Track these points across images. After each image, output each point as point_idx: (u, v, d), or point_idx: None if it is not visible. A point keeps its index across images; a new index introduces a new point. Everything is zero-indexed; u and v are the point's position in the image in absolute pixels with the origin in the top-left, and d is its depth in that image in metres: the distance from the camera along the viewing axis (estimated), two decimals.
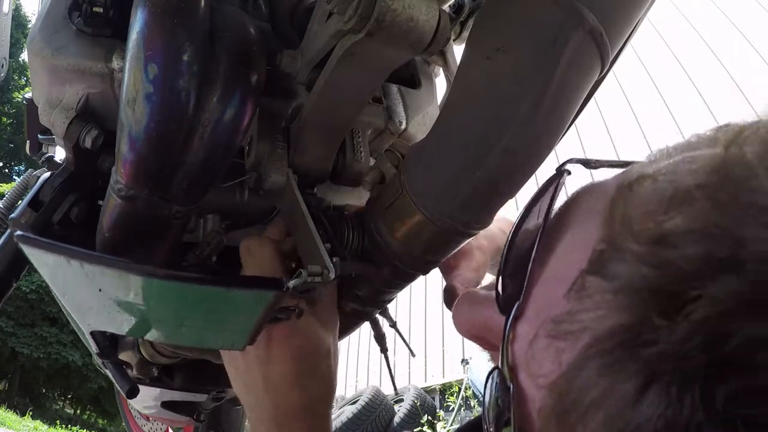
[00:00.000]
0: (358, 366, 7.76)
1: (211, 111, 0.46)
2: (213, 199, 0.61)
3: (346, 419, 5.37)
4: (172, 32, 0.44)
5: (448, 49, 0.69)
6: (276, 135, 0.57)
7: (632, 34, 0.47)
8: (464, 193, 0.46)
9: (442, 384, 6.31)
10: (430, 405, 5.71)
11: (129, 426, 1.57)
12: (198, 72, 0.45)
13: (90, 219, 0.57)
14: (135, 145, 0.47)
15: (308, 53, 0.53)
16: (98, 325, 0.52)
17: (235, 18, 0.49)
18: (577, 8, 0.39)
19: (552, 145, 0.46)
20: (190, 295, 0.47)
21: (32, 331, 15.57)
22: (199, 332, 0.51)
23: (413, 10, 0.42)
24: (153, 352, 0.78)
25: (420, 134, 0.66)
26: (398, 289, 0.60)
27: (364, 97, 0.55)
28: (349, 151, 0.61)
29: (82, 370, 16.33)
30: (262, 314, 0.48)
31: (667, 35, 6.18)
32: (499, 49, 0.42)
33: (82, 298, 0.50)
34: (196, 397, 0.97)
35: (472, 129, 0.45)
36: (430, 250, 0.52)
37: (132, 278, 0.46)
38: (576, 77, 0.42)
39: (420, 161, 0.49)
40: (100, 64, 0.53)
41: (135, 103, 0.45)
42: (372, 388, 5.86)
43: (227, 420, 1.33)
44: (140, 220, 0.51)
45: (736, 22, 5.73)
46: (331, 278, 0.47)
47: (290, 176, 0.56)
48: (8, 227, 0.74)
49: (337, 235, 0.54)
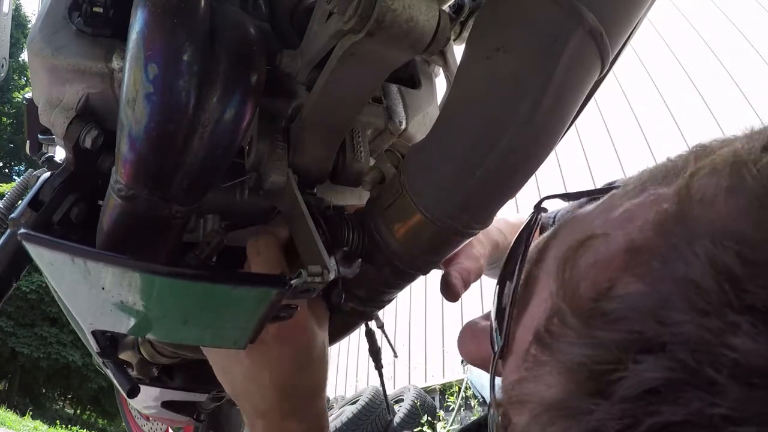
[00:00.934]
0: (358, 366, 7.76)
1: (211, 111, 0.47)
2: (213, 199, 0.61)
3: (346, 419, 5.37)
4: (172, 32, 0.44)
5: (448, 49, 0.69)
6: (276, 135, 0.57)
7: (632, 34, 0.47)
8: (464, 193, 0.46)
9: (442, 384, 6.31)
10: (430, 405, 5.70)
11: (129, 426, 1.57)
12: (198, 72, 0.45)
13: (90, 219, 0.57)
14: (135, 145, 0.47)
15: (308, 53, 0.53)
16: (100, 324, 0.52)
17: (235, 18, 0.49)
18: (577, 8, 0.39)
19: (552, 145, 0.46)
20: (193, 293, 0.47)
21: (32, 331, 15.57)
22: (201, 330, 0.51)
23: (413, 10, 0.42)
24: (153, 352, 0.79)
25: (420, 134, 0.66)
26: (398, 289, 0.60)
27: (364, 97, 0.55)
28: (349, 151, 0.61)
29: (82, 370, 16.34)
30: (265, 312, 0.48)
31: (667, 35, 6.18)
32: (499, 49, 0.42)
33: (85, 296, 0.50)
34: (196, 397, 0.97)
35: (472, 129, 0.45)
36: (430, 250, 0.52)
37: (135, 276, 0.46)
38: (576, 77, 0.42)
39: (420, 161, 0.49)
40: (100, 64, 0.53)
41: (135, 103, 0.45)
42: (372, 388, 5.86)
43: (227, 420, 1.33)
44: (140, 220, 0.51)
45: (736, 22, 5.73)
46: (331, 278, 0.47)
47: (290, 176, 0.56)
48: (8, 227, 0.74)
49: (336, 235, 0.54)
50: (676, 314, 0.24)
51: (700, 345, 0.23)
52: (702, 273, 0.24)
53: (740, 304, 0.23)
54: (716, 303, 0.23)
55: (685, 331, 0.24)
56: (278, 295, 0.47)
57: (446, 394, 6.07)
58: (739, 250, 0.24)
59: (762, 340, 0.22)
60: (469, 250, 0.64)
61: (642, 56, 6.11)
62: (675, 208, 0.27)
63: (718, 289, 0.24)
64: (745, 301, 0.23)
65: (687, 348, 0.23)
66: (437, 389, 6.33)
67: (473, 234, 0.51)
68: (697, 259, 0.25)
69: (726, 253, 0.24)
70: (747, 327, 0.22)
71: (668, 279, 0.25)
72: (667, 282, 0.25)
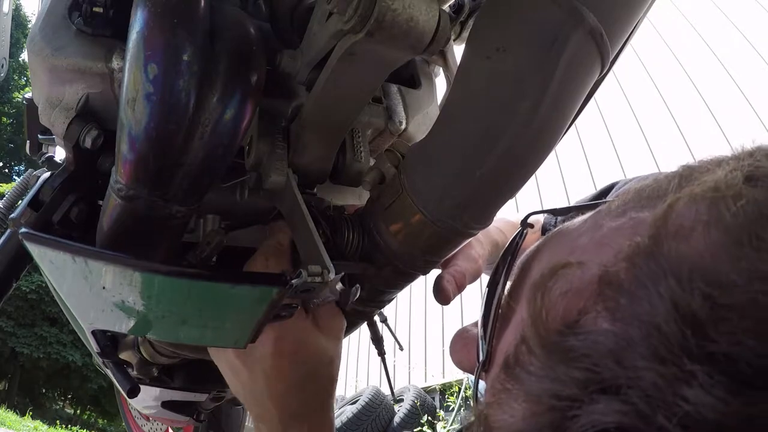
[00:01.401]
0: (358, 366, 7.76)
1: (211, 111, 0.47)
2: (213, 199, 0.61)
3: (346, 419, 5.38)
4: (172, 32, 0.44)
5: (448, 49, 0.68)
6: (276, 135, 0.57)
7: (632, 34, 0.47)
8: (464, 193, 0.46)
9: (442, 384, 6.31)
10: (430, 405, 5.71)
11: (129, 426, 1.57)
12: (198, 72, 0.45)
13: (90, 219, 0.57)
14: (135, 145, 0.47)
15: (308, 53, 0.53)
16: (100, 324, 0.52)
17: (235, 18, 0.49)
18: (577, 8, 0.39)
19: (552, 145, 0.46)
20: (194, 292, 0.47)
21: (32, 331, 15.57)
22: (201, 330, 0.51)
23: (413, 10, 0.42)
24: (153, 352, 0.78)
25: (420, 134, 0.66)
26: (398, 289, 0.60)
27: (364, 97, 0.55)
28: (349, 151, 0.61)
29: (82, 370, 16.34)
30: (266, 311, 0.48)
31: (667, 35, 6.18)
32: (499, 49, 0.42)
33: (85, 295, 0.50)
34: (196, 397, 0.97)
35: (472, 129, 0.45)
36: (430, 250, 0.52)
37: (136, 275, 0.46)
38: (576, 77, 0.42)
39: (420, 161, 0.49)
40: (100, 64, 0.53)
41: (135, 103, 0.45)
42: (372, 388, 5.86)
43: (227, 420, 1.33)
44: (140, 220, 0.51)
45: (736, 22, 5.73)
46: (331, 278, 0.47)
47: (290, 176, 0.56)
48: (8, 227, 0.74)
49: (336, 235, 0.54)
50: (635, 358, 0.24)
51: (655, 392, 0.23)
52: (665, 316, 0.24)
53: (700, 351, 0.23)
54: (676, 350, 0.23)
55: (642, 376, 0.23)
56: (279, 294, 0.47)
57: (446, 394, 6.07)
58: (708, 293, 0.23)
59: (716, 392, 0.22)
60: (468, 250, 0.64)
61: (642, 56, 6.11)
62: (648, 241, 0.27)
63: (679, 335, 0.23)
64: (705, 349, 0.23)
65: (642, 394, 0.23)
66: (437, 389, 6.33)
67: (473, 234, 0.51)
68: (662, 300, 0.24)
69: (692, 295, 0.24)
70: (703, 378, 0.22)
71: (633, 319, 0.25)
72: (631, 322, 0.25)
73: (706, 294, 0.23)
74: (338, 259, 0.52)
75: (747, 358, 0.22)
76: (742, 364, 0.22)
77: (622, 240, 0.29)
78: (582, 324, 0.27)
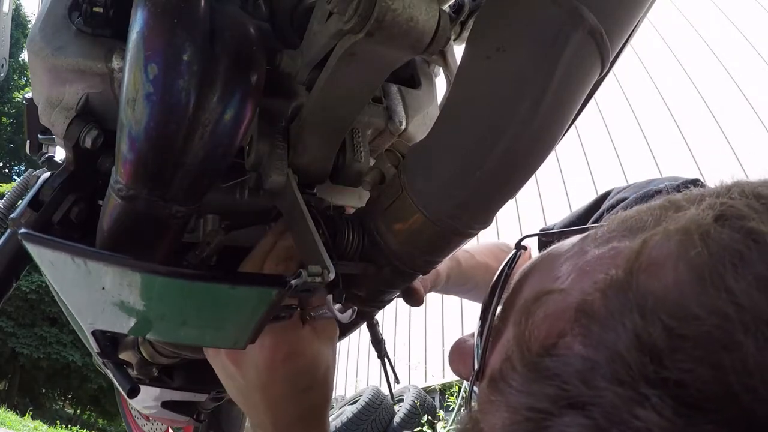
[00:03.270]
0: (358, 366, 7.76)
1: (211, 111, 0.46)
2: (213, 199, 0.61)
3: (346, 419, 5.37)
4: (172, 32, 0.44)
5: (448, 49, 0.68)
6: (276, 135, 0.57)
7: (632, 34, 0.47)
8: (464, 193, 0.46)
9: (442, 384, 6.30)
10: (430, 405, 5.71)
11: (129, 426, 1.57)
12: (198, 72, 0.45)
13: (90, 219, 0.57)
14: (135, 145, 0.47)
15: (308, 53, 0.53)
16: (100, 324, 0.52)
17: (235, 18, 0.49)
18: (577, 8, 0.39)
19: (552, 145, 0.46)
20: (194, 293, 0.47)
21: (32, 331, 15.57)
22: (201, 330, 0.51)
23: (413, 10, 0.42)
24: (153, 352, 0.78)
25: (420, 134, 0.66)
26: (398, 289, 0.60)
27: (364, 97, 0.55)
28: (349, 151, 0.61)
29: (82, 370, 16.33)
30: (265, 312, 0.48)
31: (667, 35, 6.18)
32: (499, 49, 0.42)
33: (85, 296, 0.50)
34: (196, 397, 0.97)
35: (472, 129, 0.45)
36: (430, 250, 0.52)
37: (136, 276, 0.46)
38: (576, 77, 0.42)
39: (420, 161, 0.49)
40: (100, 64, 0.53)
41: (135, 103, 0.45)
42: (372, 388, 5.86)
43: (227, 420, 1.33)
44: (140, 220, 0.51)
45: (736, 22, 5.73)
46: (331, 278, 0.47)
47: (290, 176, 0.56)
48: (8, 227, 0.74)
49: (336, 234, 0.54)
50: (599, 380, 0.27)
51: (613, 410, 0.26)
52: (627, 345, 0.27)
53: (656, 377, 0.25)
54: (635, 374, 0.26)
55: (604, 395, 0.27)
56: (278, 295, 0.47)
57: (446, 394, 6.07)
58: (668, 324, 0.26)
59: (665, 413, 0.25)
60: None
61: (642, 56, 6.11)
62: (621, 275, 0.30)
63: (638, 362, 0.26)
64: (660, 375, 0.25)
65: (602, 411, 0.26)
66: (437, 389, 6.33)
67: (473, 234, 0.51)
68: (626, 331, 0.27)
69: (654, 326, 0.26)
70: (655, 400, 0.25)
71: (601, 345, 0.28)
72: (599, 348, 0.28)
73: (666, 325, 0.26)
74: (338, 259, 0.52)
75: (696, 384, 0.25)
76: (691, 389, 0.25)
77: (600, 270, 0.32)
78: (559, 346, 0.30)
